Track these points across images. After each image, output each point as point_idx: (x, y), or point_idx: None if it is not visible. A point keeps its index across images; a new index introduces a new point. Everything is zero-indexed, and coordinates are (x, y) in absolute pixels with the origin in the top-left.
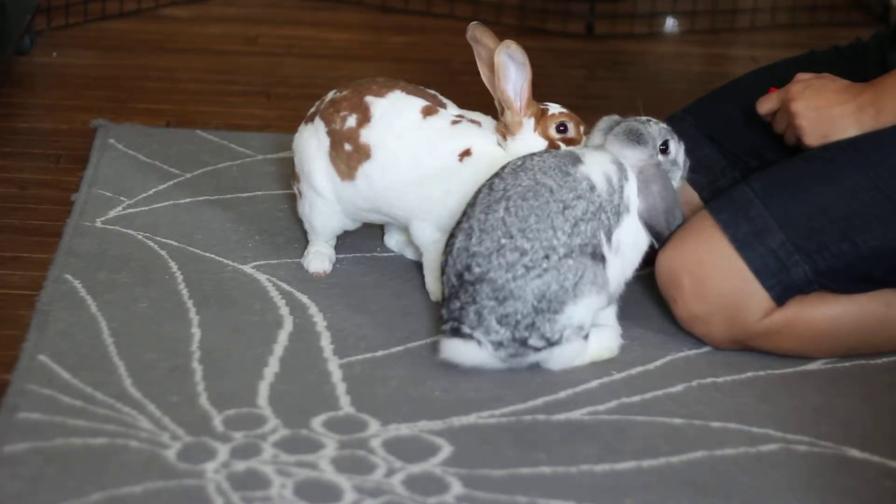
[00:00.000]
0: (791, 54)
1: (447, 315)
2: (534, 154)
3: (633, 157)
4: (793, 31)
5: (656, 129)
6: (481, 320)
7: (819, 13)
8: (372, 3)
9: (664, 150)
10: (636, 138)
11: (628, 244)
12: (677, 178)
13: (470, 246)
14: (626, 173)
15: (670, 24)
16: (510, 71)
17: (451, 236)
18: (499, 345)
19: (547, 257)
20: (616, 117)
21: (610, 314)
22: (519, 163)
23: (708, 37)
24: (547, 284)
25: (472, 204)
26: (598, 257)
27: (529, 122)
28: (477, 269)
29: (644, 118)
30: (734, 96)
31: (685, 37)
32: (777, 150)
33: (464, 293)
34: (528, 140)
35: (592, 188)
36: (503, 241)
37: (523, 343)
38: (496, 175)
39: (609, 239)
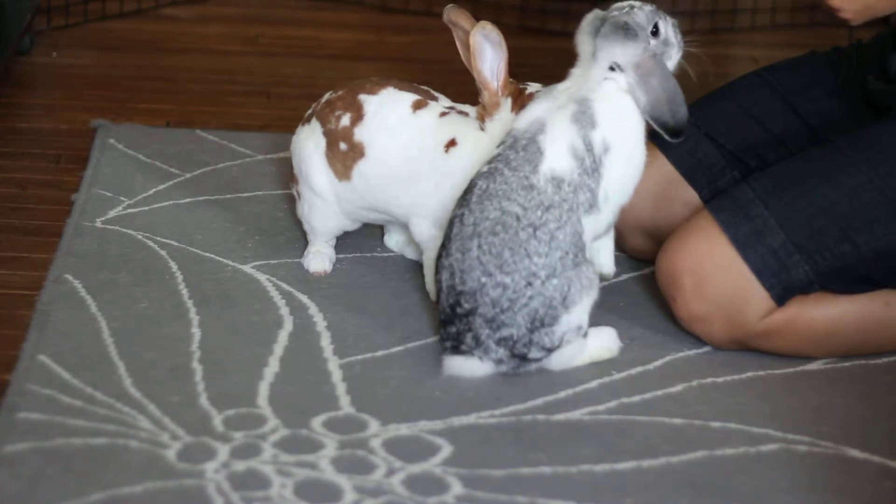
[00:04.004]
0: (791, 54)
1: (445, 336)
2: (495, 172)
3: (628, 53)
4: (793, 31)
5: (642, 14)
6: (479, 343)
7: (819, 13)
8: (372, 3)
9: (654, 32)
10: (625, 33)
11: (618, 179)
12: (674, 56)
13: (455, 285)
14: (593, 118)
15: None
16: (486, 51)
17: (437, 271)
18: (499, 361)
19: (530, 284)
20: (598, 12)
21: (607, 245)
22: (484, 187)
23: (708, 37)
24: (535, 310)
25: (448, 237)
26: (581, 257)
27: (507, 102)
28: (467, 305)
29: (625, 5)
30: (734, 96)
31: (685, 37)
32: (777, 149)
33: (458, 322)
34: (507, 120)
35: (560, 184)
36: (483, 279)
37: (523, 358)
38: (464, 204)
39: (595, 203)
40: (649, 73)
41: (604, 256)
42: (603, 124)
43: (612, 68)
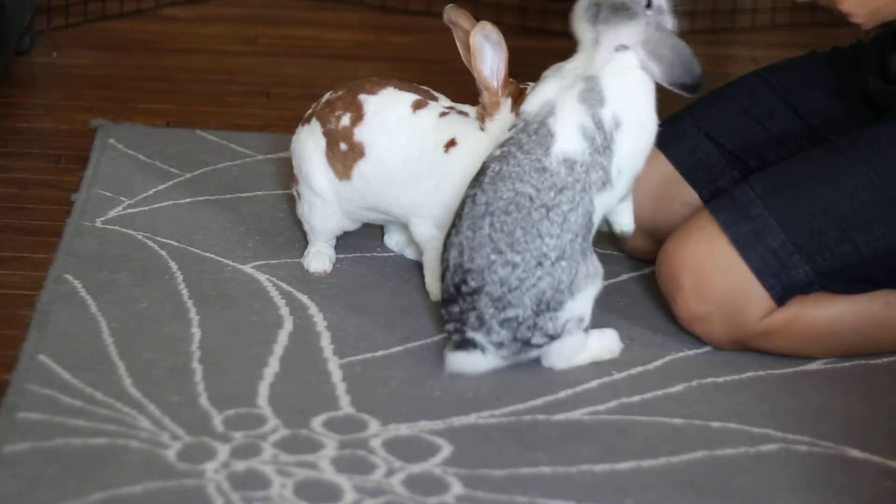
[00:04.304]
0: (791, 54)
1: (447, 317)
2: (509, 155)
3: (632, 32)
4: (793, 31)
5: None
6: (482, 323)
7: (819, 13)
8: (372, 3)
9: (648, 4)
10: (625, 13)
11: (630, 153)
12: (668, 22)
13: (463, 263)
14: (601, 95)
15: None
16: (486, 52)
17: (445, 249)
18: (500, 345)
19: (540, 265)
20: None
21: (626, 206)
22: (497, 169)
23: (708, 37)
24: (542, 291)
25: (458, 216)
26: (587, 243)
27: (507, 102)
28: (473, 283)
29: None
30: (734, 96)
31: (685, 37)
32: (777, 150)
33: (463, 301)
34: (506, 120)
35: (573, 165)
36: (493, 257)
37: (526, 342)
38: (476, 184)
39: (608, 180)
40: (658, 44)
41: (623, 215)
42: (612, 100)
43: (618, 48)
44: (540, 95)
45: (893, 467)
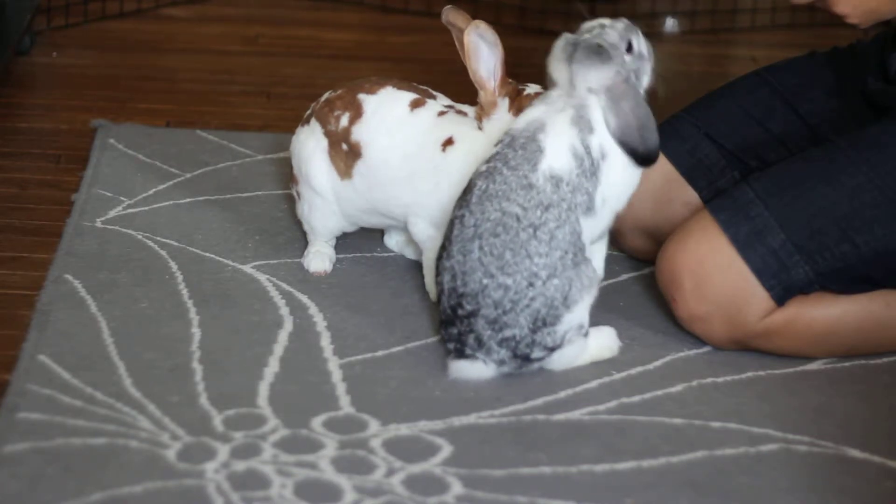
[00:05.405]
0: (791, 54)
1: (447, 337)
2: (494, 171)
3: (602, 76)
4: (793, 31)
5: (615, 33)
6: (482, 345)
7: (819, 13)
8: (372, 3)
9: (629, 48)
10: (599, 56)
11: (615, 184)
12: (648, 70)
13: (457, 287)
14: (591, 124)
15: (670, 24)
16: (482, 51)
17: (438, 273)
18: (502, 362)
19: (531, 285)
20: (569, 37)
21: (600, 249)
22: (483, 187)
23: (708, 37)
24: (537, 311)
25: (448, 238)
26: (580, 257)
27: (504, 102)
28: (468, 307)
29: (595, 25)
30: (734, 96)
31: (685, 37)
32: (777, 150)
33: (460, 324)
34: (504, 120)
35: (559, 183)
36: (485, 281)
37: (526, 358)
38: (464, 204)
39: (591, 206)
40: (621, 96)
41: (596, 259)
42: (600, 131)
43: (588, 91)
44: (529, 115)
45: (893, 467)
